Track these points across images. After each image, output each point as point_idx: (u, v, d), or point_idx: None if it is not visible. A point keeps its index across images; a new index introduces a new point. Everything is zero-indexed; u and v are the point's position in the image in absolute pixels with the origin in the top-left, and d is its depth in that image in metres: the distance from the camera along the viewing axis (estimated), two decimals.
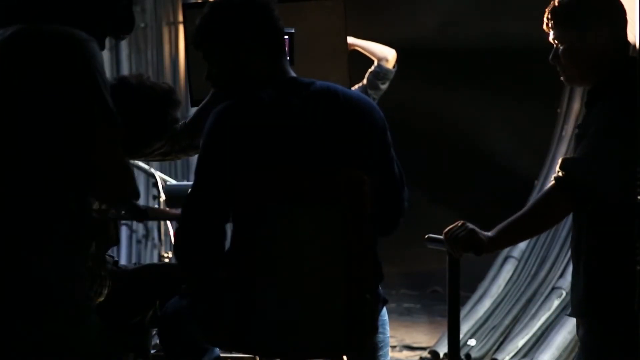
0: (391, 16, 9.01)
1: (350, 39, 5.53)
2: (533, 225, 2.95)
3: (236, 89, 2.79)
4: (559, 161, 2.86)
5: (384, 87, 5.45)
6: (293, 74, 2.80)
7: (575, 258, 2.95)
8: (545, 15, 2.94)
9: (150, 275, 3.31)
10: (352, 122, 2.75)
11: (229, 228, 2.82)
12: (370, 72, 5.51)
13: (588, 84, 2.95)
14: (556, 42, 2.93)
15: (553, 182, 2.86)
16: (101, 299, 2.92)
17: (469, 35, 9.00)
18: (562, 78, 2.99)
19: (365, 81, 5.48)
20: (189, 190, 2.78)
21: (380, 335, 2.99)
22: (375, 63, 5.50)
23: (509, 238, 3.01)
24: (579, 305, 2.92)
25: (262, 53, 2.76)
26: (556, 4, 2.92)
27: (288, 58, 2.86)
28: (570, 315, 2.98)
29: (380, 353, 3.04)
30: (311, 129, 2.72)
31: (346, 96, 2.79)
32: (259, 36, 2.76)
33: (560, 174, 2.84)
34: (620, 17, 2.91)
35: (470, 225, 2.92)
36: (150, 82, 3.26)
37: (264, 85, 2.76)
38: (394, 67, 5.50)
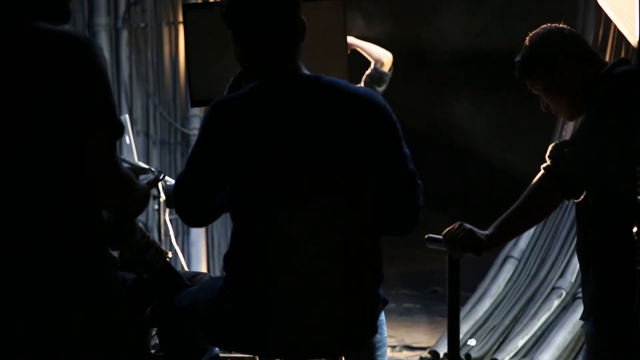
0: (390, 17, 9.01)
1: (349, 39, 5.53)
2: (528, 217, 2.97)
3: (247, 72, 2.78)
4: (548, 149, 2.90)
5: (380, 89, 5.45)
6: (305, 71, 2.77)
7: (584, 262, 2.96)
8: (515, 72, 3.10)
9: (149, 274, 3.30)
10: (357, 117, 2.72)
11: (228, 228, 2.82)
12: (367, 75, 5.51)
13: (584, 109, 3.00)
14: (536, 92, 3.07)
15: (542, 171, 2.89)
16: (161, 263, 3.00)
17: (468, 35, 9.00)
18: (563, 119, 3.09)
19: (362, 84, 5.48)
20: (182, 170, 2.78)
21: (378, 336, 2.98)
22: (372, 65, 5.51)
23: (507, 233, 3.03)
24: (590, 305, 2.93)
25: (276, 43, 2.74)
26: (517, 63, 3.08)
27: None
28: (582, 318, 2.99)
29: (378, 353, 3.04)
30: (314, 124, 2.70)
31: (352, 92, 2.76)
32: (276, 26, 2.72)
33: (548, 162, 2.87)
34: (570, 41, 3.04)
35: (468, 226, 2.93)
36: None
37: (270, 77, 2.74)
38: (389, 70, 5.50)
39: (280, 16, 2.73)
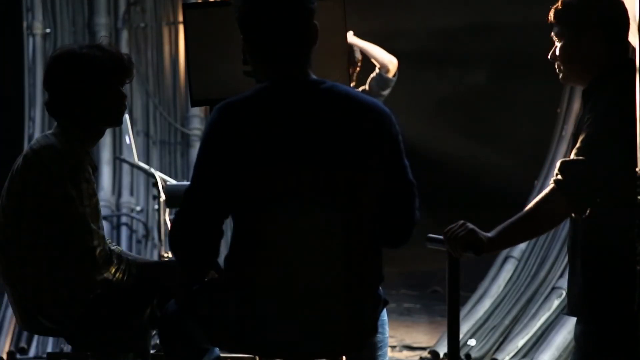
0: (388, 18, 9.02)
1: (356, 40, 5.55)
2: (532, 227, 2.94)
3: (255, 76, 2.78)
4: (557, 164, 2.86)
5: (385, 93, 5.48)
6: (313, 76, 2.77)
7: (572, 256, 2.96)
8: (552, 10, 2.97)
9: (149, 274, 3.30)
10: (361, 124, 2.72)
11: (229, 229, 2.82)
12: (372, 78, 5.53)
13: (582, 83, 2.96)
14: (556, 39, 2.96)
15: (552, 184, 2.86)
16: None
17: (468, 34, 9.00)
18: (559, 76, 3.01)
19: (367, 87, 5.50)
20: (188, 184, 2.76)
21: (380, 336, 2.98)
22: (377, 70, 5.52)
23: (509, 239, 3.01)
24: (576, 303, 2.93)
25: (285, 49, 2.74)
26: (560, 1, 2.95)
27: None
28: (566, 313, 2.99)
29: (380, 353, 3.04)
30: (317, 129, 2.70)
31: (358, 99, 2.76)
32: (284, 33, 2.72)
33: (558, 176, 2.84)
34: (619, 20, 2.93)
35: (470, 225, 2.91)
36: (101, 51, 3.29)
37: (277, 80, 2.74)
38: (394, 75, 5.52)
39: (294, 22, 2.72)
